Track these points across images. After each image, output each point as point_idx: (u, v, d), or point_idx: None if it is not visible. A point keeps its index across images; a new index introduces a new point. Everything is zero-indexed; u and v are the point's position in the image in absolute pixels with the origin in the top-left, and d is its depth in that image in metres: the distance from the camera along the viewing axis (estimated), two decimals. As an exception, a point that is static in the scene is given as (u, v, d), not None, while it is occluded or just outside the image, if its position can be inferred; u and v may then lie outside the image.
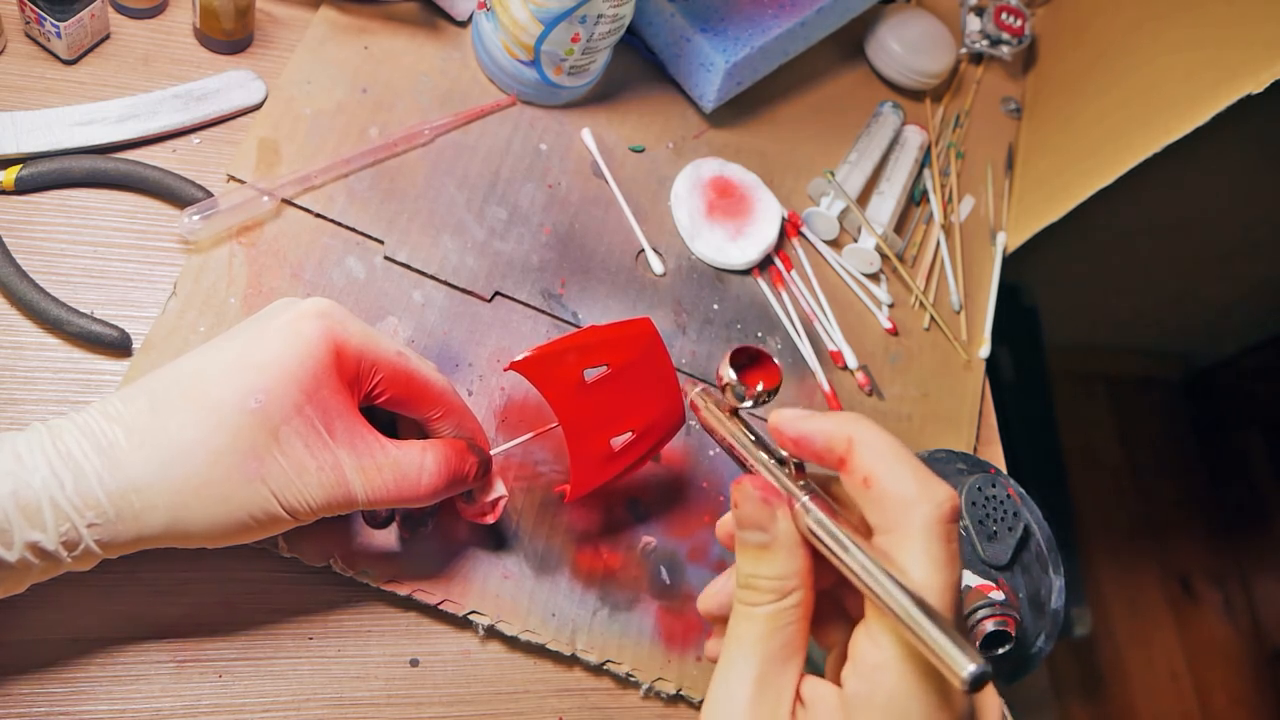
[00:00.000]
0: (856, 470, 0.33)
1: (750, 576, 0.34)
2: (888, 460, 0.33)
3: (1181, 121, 0.63)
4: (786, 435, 0.36)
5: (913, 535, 0.32)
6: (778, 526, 0.34)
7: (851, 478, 0.34)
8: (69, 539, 0.37)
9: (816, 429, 0.35)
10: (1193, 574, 1.83)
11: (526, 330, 0.58)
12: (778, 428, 0.36)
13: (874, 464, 0.33)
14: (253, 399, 0.39)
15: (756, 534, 0.34)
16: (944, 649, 0.28)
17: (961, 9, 0.86)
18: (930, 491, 0.32)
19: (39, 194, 0.50)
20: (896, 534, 0.32)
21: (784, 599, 0.33)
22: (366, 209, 0.56)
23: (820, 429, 0.35)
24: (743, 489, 0.34)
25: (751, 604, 0.34)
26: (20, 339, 0.47)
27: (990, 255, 0.76)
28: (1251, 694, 1.77)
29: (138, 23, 0.56)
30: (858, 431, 0.34)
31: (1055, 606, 0.51)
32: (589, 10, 0.57)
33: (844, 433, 0.34)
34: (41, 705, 0.43)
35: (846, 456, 0.34)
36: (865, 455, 0.33)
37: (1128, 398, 1.92)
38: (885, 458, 0.33)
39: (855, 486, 0.34)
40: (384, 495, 0.42)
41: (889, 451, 0.33)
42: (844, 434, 0.34)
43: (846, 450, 0.34)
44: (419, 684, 0.49)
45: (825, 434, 0.34)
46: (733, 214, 0.66)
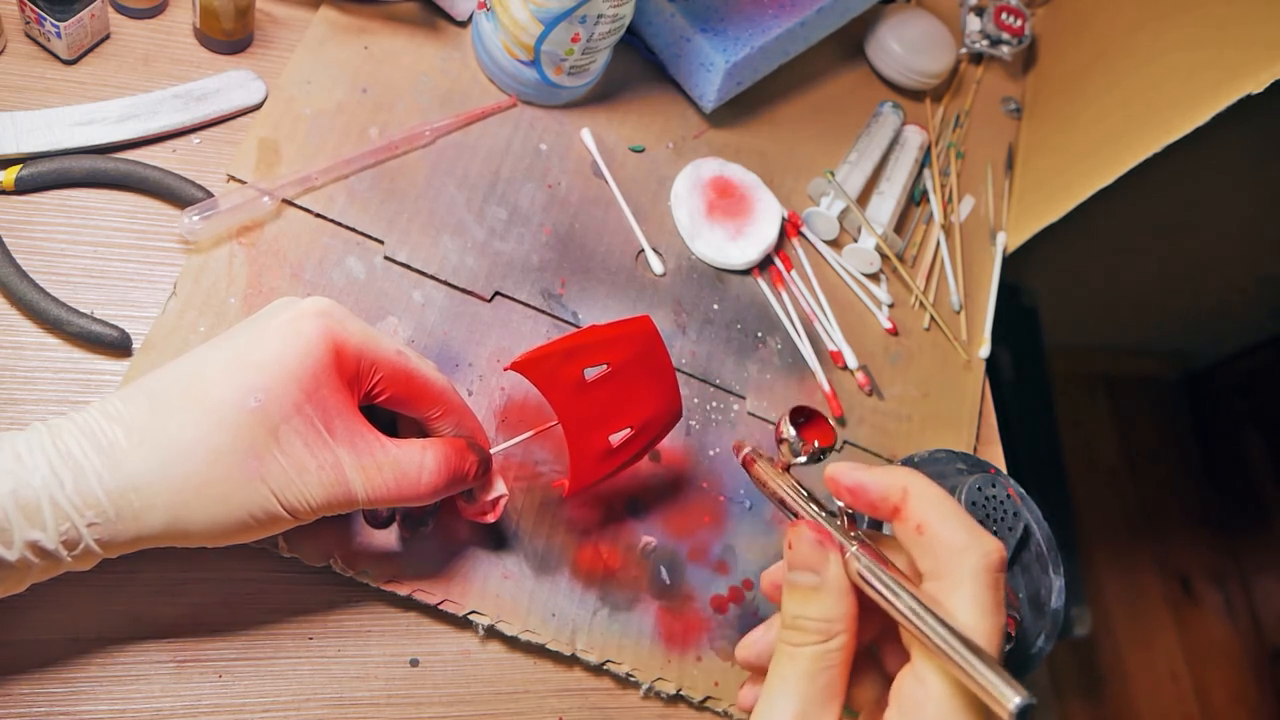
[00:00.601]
0: (910, 518, 0.36)
1: (797, 618, 0.36)
2: (940, 510, 0.35)
3: (1181, 121, 0.63)
4: (843, 484, 0.38)
5: (962, 582, 0.34)
6: (829, 570, 0.36)
7: (904, 525, 0.36)
8: (69, 538, 0.37)
9: (874, 478, 0.37)
10: (1193, 574, 1.83)
11: (526, 330, 0.58)
12: (835, 477, 0.38)
13: (927, 513, 0.35)
14: (252, 398, 0.39)
15: (808, 576, 0.36)
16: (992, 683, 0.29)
17: (961, 9, 0.86)
18: (980, 542, 0.34)
19: (39, 194, 0.50)
20: (946, 580, 0.34)
21: (829, 640, 0.35)
22: (366, 209, 0.56)
23: (877, 478, 0.37)
24: (798, 531, 0.36)
25: (796, 644, 0.35)
26: (20, 339, 0.47)
27: (990, 255, 0.76)
28: (1251, 694, 1.77)
29: (138, 23, 0.56)
30: (912, 483, 0.36)
31: (1055, 606, 0.51)
32: (589, 10, 0.57)
33: (899, 483, 0.36)
34: (41, 705, 0.43)
35: (901, 505, 0.36)
36: (919, 504, 0.35)
37: (1128, 398, 1.92)
38: (938, 508, 0.35)
39: (908, 533, 0.36)
40: (384, 494, 0.42)
41: (941, 502, 0.35)
42: (899, 484, 0.36)
43: (901, 499, 0.36)
44: (419, 684, 0.49)
45: (881, 483, 0.37)
46: (733, 214, 0.66)
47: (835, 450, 0.44)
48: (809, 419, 0.43)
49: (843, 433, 0.64)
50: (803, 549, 0.36)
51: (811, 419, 0.43)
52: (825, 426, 0.43)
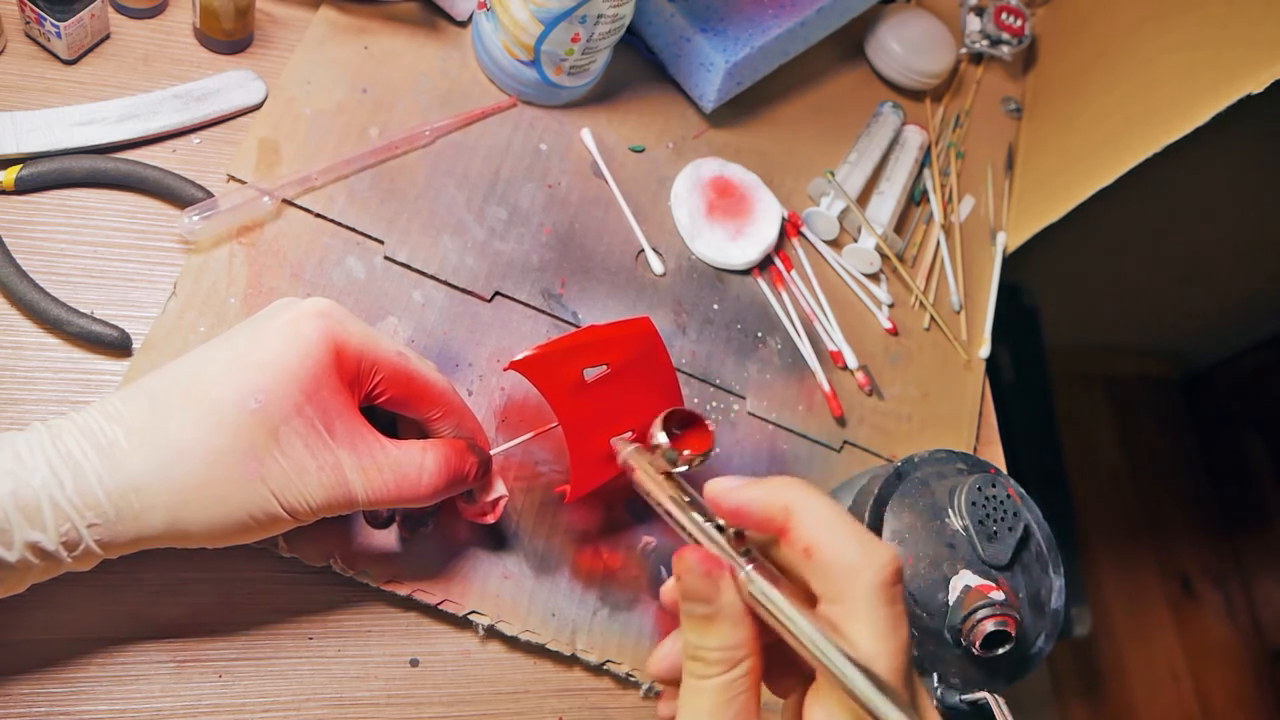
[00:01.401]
0: (796, 540, 0.34)
1: (697, 648, 0.34)
2: (827, 528, 0.33)
3: (1181, 121, 0.63)
4: (724, 506, 0.36)
5: (858, 602, 0.32)
6: (722, 598, 0.34)
7: (792, 548, 0.34)
8: (69, 539, 0.37)
9: (753, 498, 0.35)
10: (1193, 574, 1.83)
11: (526, 330, 0.58)
12: (714, 499, 0.36)
13: (814, 533, 0.33)
14: (252, 399, 0.39)
15: (701, 605, 0.34)
16: (886, 714, 0.29)
17: (961, 9, 0.86)
18: (872, 556, 0.32)
19: (39, 194, 0.50)
20: (841, 602, 0.32)
21: (733, 669, 0.33)
22: (366, 209, 0.56)
23: (757, 499, 0.35)
24: (684, 561, 0.34)
25: (701, 676, 0.34)
26: (20, 339, 0.47)
27: (990, 255, 0.76)
28: (1251, 694, 1.77)
29: (138, 23, 0.56)
30: (795, 500, 0.34)
31: (1055, 606, 0.51)
32: (589, 10, 0.57)
33: (780, 502, 0.34)
34: (41, 705, 0.43)
35: (785, 526, 0.34)
36: (804, 524, 0.34)
37: (1128, 398, 1.92)
38: (824, 525, 0.33)
39: (796, 556, 0.34)
40: (384, 495, 0.42)
41: (828, 518, 0.33)
42: (780, 503, 0.34)
43: (785, 520, 0.34)
44: (419, 684, 0.49)
45: (762, 504, 0.35)
46: (733, 214, 0.66)
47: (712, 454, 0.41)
48: (686, 423, 0.40)
49: (842, 433, 0.64)
50: (691, 579, 0.34)
51: (689, 423, 0.41)
52: (703, 431, 0.40)
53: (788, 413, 0.63)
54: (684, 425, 0.41)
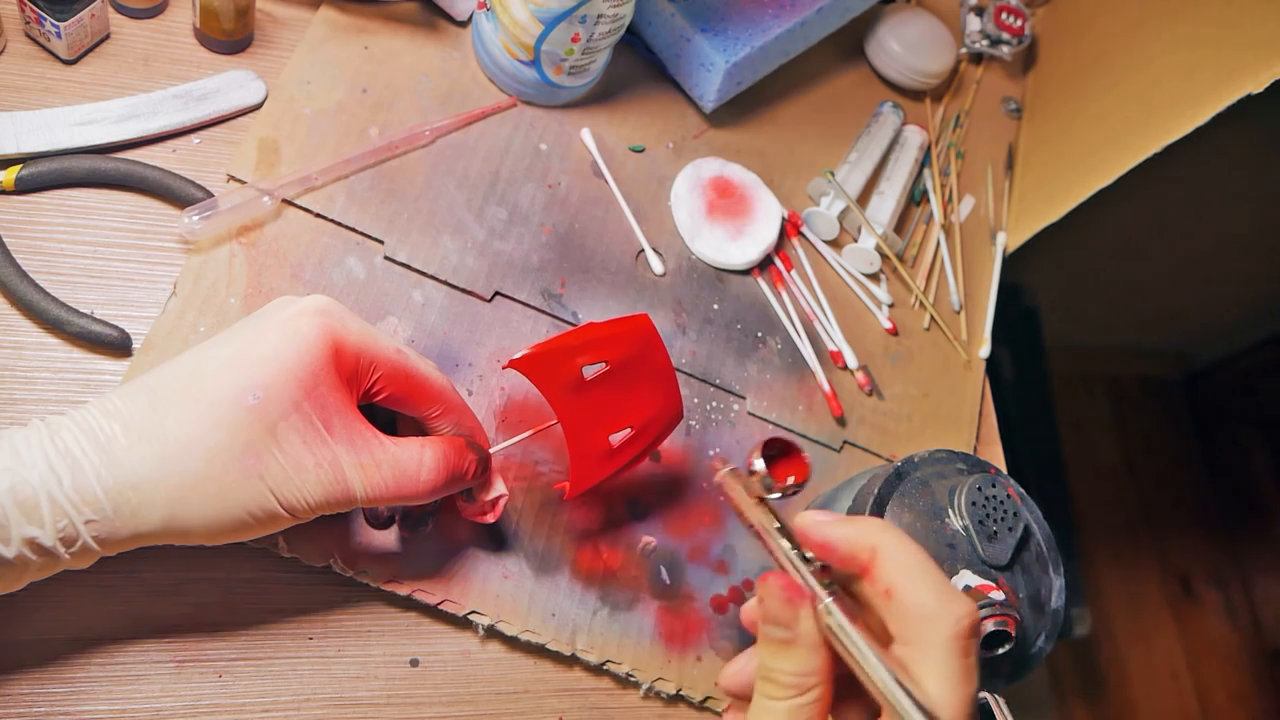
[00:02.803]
0: (879, 581, 0.35)
1: (771, 670, 0.35)
2: (910, 573, 0.34)
3: (1181, 121, 0.63)
4: (812, 540, 0.37)
5: (932, 650, 0.33)
6: (800, 625, 0.35)
7: (874, 587, 0.35)
8: (66, 535, 0.37)
9: (841, 537, 0.36)
10: (1193, 574, 1.83)
11: (526, 330, 0.58)
12: (804, 530, 0.37)
13: (896, 577, 0.34)
14: (251, 395, 0.39)
15: (780, 630, 0.35)
16: None
17: (961, 9, 0.86)
18: (950, 607, 0.33)
19: (39, 194, 0.50)
20: (915, 647, 0.33)
21: (803, 695, 0.34)
22: (366, 209, 0.56)
23: (845, 537, 0.36)
24: (768, 586, 0.35)
25: (771, 697, 0.35)
26: (20, 339, 0.47)
27: (990, 255, 0.76)
28: (1251, 694, 1.77)
29: (138, 23, 0.56)
30: (881, 542, 0.35)
31: (1055, 606, 0.50)
32: (589, 10, 0.57)
33: (868, 542, 0.35)
34: (41, 705, 0.43)
35: (869, 566, 0.35)
36: (888, 567, 0.35)
37: (1128, 398, 1.92)
38: (908, 571, 0.34)
39: (877, 596, 0.35)
40: (382, 492, 0.42)
41: (912, 564, 0.35)
42: (868, 544, 0.35)
43: (870, 560, 0.35)
44: (419, 684, 0.49)
45: (849, 542, 0.36)
46: (733, 214, 0.66)
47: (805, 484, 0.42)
48: (783, 452, 0.42)
49: (842, 433, 0.64)
50: (773, 605, 0.35)
51: (786, 452, 0.42)
52: (799, 461, 0.41)
53: (788, 413, 0.63)
54: (782, 453, 0.42)
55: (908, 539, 0.36)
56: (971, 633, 0.34)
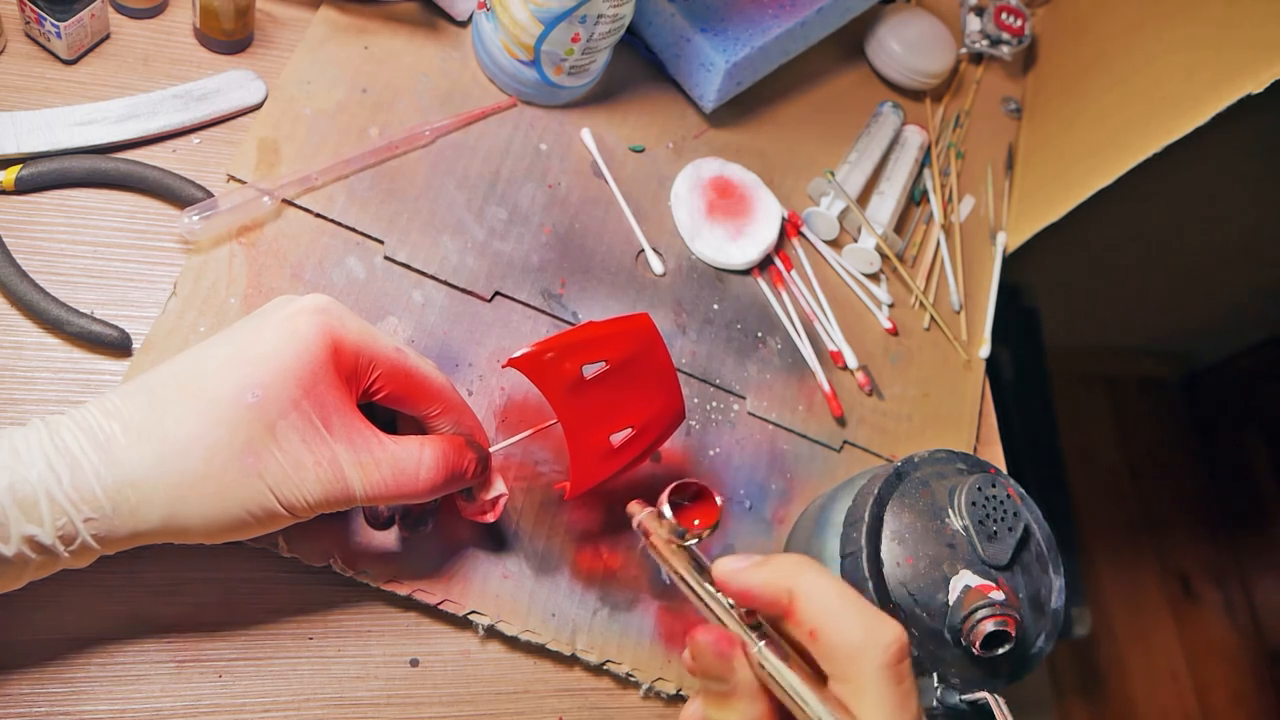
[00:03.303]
0: (802, 623, 0.35)
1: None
2: (830, 610, 0.34)
3: (1181, 121, 0.63)
4: (731, 588, 0.36)
5: (866, 683, 0.33)
6: (737, 674, 0.35)
7: (799, 629, 0.35)
8: (65, 533, 0.37)
9: (759, 583, 0.36)
10: (1193, 574, 1.83)
11: (526, 330, 0.58)
12: (722, 581, 0.37)
13: (817, 616, 0.34)
14: (250, 394, 0.39)
15: (717, 684, 0.35)
16: None
17: (961, 9, 0.86)
18: (876, 635, 0.33)
19: (39, 194, 0.50)
20: (850, 683, 0.33)
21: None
22: (366, 209, 0.56)
23: (762, 583, 0.36)
24: (697, 643, 0.35)
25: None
26: (20, 339, 0.47)
27: (990, 255, 0.76)
28: (1251, 694, 1.77)
29: (138, 23, 0.56)
30: (798, 583, 0.35)
31: (1055, 606, 0.50)
32: (589, 10, 0.57)
33: (785, 585, 0.35)
34: (41, 705, 0.43)
35: (791, 609, 0.35)
36: (808, 608, 0.34)
37: (1128, 398, 1.92)
38: (827, 608, 0.34)
39: (803, 638, 0.35)
40: (382, 491, 0.42)
41: (831, 600, 0.34)
42: (785, 587, 0.35)
43: (790, 602, 0.35)
44: (419, 684, 0.49)
45: (768, 587, 0.35)
46: (733, 214, 0.66)
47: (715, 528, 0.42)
48: (695, 496, 0.42)
49: (842, 433, 0.64)
50: (705, 659, 0.35)
51: (698, 496, 0.42)
52: (710, 504, 0.41)
53: (788, 413, 0.63)
54: (693, 499, 0.42)
55: (825, 573, 0.36)
56: (902, 656, 0.34)
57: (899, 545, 0.49)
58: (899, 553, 0.49)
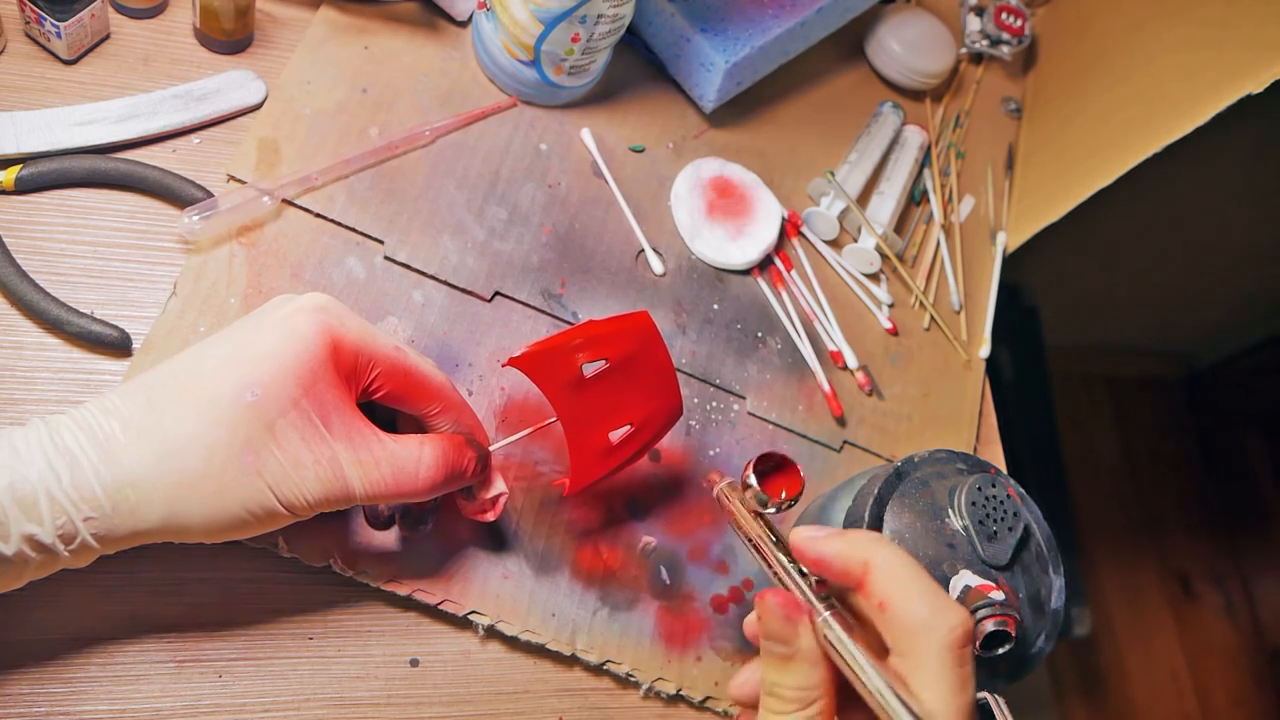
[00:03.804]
0: (873, 594, 0.36)
1: (775, 685, 0.36)
2: (903, 585, 0.35)
3: (1181, 121, 0.63)
4: (807, 555, 0.37)
5: (927, 660, 0.34)
6: (799, 641, 0.35)
7: (868, 601, 0.36)
8: (65, 532, 0.37)
9: (834, 552, 0.37)
10: (1193, 574, 1.83)
11: (526, 330, 0.58)
12: (798, 547, 0.38)
13: (889, 589, 0.35)
14: (249, 392, 0.39)
15: (780, 646, 0.36)
16: None
17: (961, 9, 0.86)
18: (944, 617, 0.34)
19: (39, 194, 0.50)
20: (911, 658, 0.34)
21: (807, 708, 0.35)
22: (366, 209, 0.56)
23: (838, 552, 0.37)
24: (766, 604, 0.36)
25: (776, 712, 0.35)
26: (20, 339, 0.47)
27: (990, 255, 0.76)
28: (1251, 694, 1.77)
29: (138, 23, 0.56)
30: (874, 556, 0.36)
31: (1055, 606, 0.50)
32: (589, 10, 0.57)
33: (860, 557, 0.36)
34: (41, 705, 0.43)
35: (863, 580, 0.36)
36: (881, 580, 0.35)
37: (1128, 398, 1.92)
38: (900, 583, 0.35)
39: (871, 609, 0.36)
40: (381, 489, 0.42)
41: (904, 576, 0.35)
42: (860, 558, 0.36)
43: (863, 574, 0.36)
44: (419, 684, 0.49)
45: (843, 558, 0.36)
46: (733, 214, 0.66)
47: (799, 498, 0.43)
48: (778, 466, 0.42)
49: (842, 433, 0.64)
50: (772, 622, 0.36)
51: (781, 466, 0.42)
52: (794, 475, 0.42)
53: (788, 413, 0.63)
54: (777, 467, 0.43)
55: (900, 551, 0.36)
56: (965, 641, 0.34)
57: (899, 545, 0.49)
58: (899, 553, 0.49)
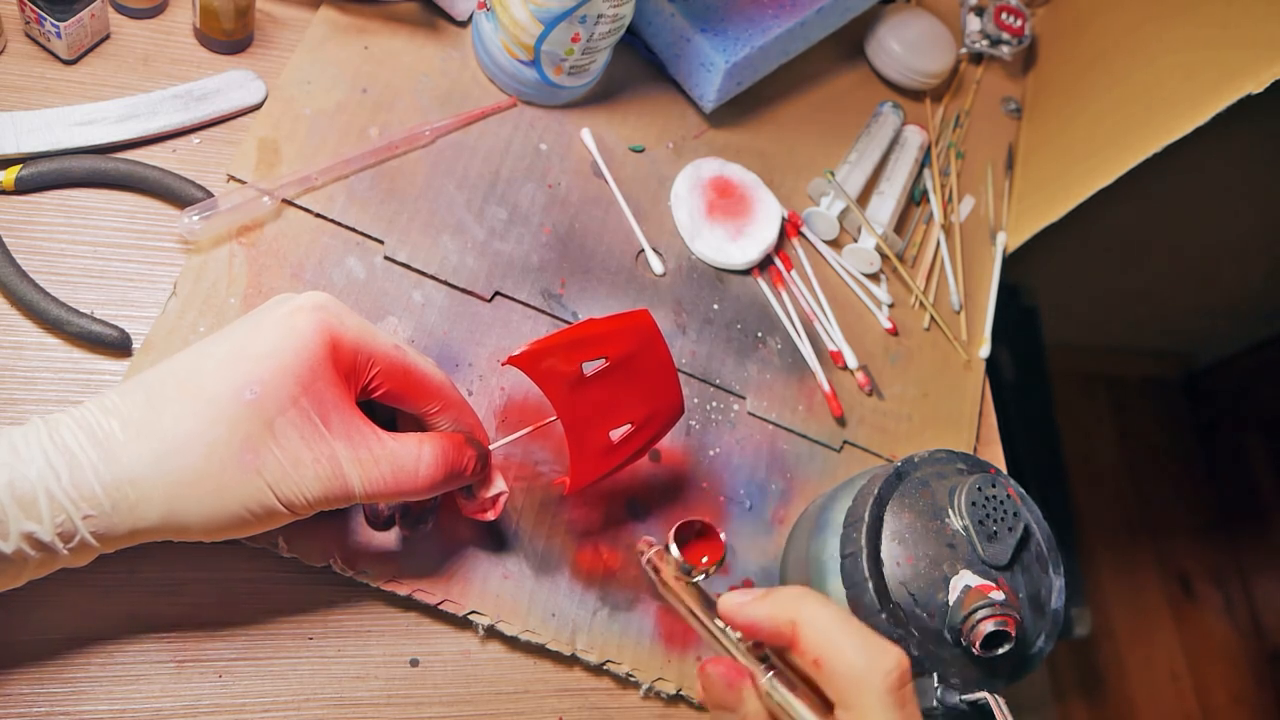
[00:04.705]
0: (806, 652, 0.36)
1: None
2: (831, 639, 0.35)
3: (1181, 121, 0.63)
4: (736, 622, 0.38)
5: (869, 709, 0.34)
6: (746, 705, 0.36)
7: (803, 659, 0.36)
8: (65, 530, 0.37)
9: (762, 615, 0.37)
10: (1193, 574, 1.83)
11: (526, 330, 0.58)
12: (727, 616, 0.38)
13: (820, 645, 0.35)
14: (248, 390, 0.39)
15: (727, 714, 0.36)
16: None
17: (961, 9, 0.86)
18: (878, 662, 0.35)
19: (39, 194, 0.50)
20: (855, 709, 0.34)
21: None
22: (366, 209, 0.56)
23: (766, 615, 0.37)
24: (707, 675, 0.37)
25: None
26: (20, 339, 0.47)
27: (990, 255, 0.76)
28: (1251, 693, 1.77)
29: (138, 23, 0.56)
30: (799, 614, 0.36)
31: (1055, 606, 0.50)
32: (589, 10, 0.57)
33: (787, 616, 0.36)
34: (41, 705, 0.43)
35: (794, 639, 0.36)
36: (810, 637, 0.36)
37: (1128, 398, 1.92)
38: (829, 637, 0.35)
39: (807, 667, 0.36)
40: (381, 488, 0.42)
41: (832, 629, 0.36)
42: (787, 618, 0.36)
43: (793, 633, 0.36)
44: (419, 684, 0.49)
45: (771, 619, 0.37)
46: (733, 214, 0.66)
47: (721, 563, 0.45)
48: (699, 533, 0.43)
49: (842, 433, 0.64)
50: (716, 691, 0.36)
51: (702, 533, 0.43)
52: (714, 540, 0.43)
53: (788, 413, 0.63)
54: (698, 535, 0.44)
55: (826, 601, 0.37)
56: (904, 681, 0.35)
57: (899, 545, 0.49)
58: (899, 553, 0.49)
